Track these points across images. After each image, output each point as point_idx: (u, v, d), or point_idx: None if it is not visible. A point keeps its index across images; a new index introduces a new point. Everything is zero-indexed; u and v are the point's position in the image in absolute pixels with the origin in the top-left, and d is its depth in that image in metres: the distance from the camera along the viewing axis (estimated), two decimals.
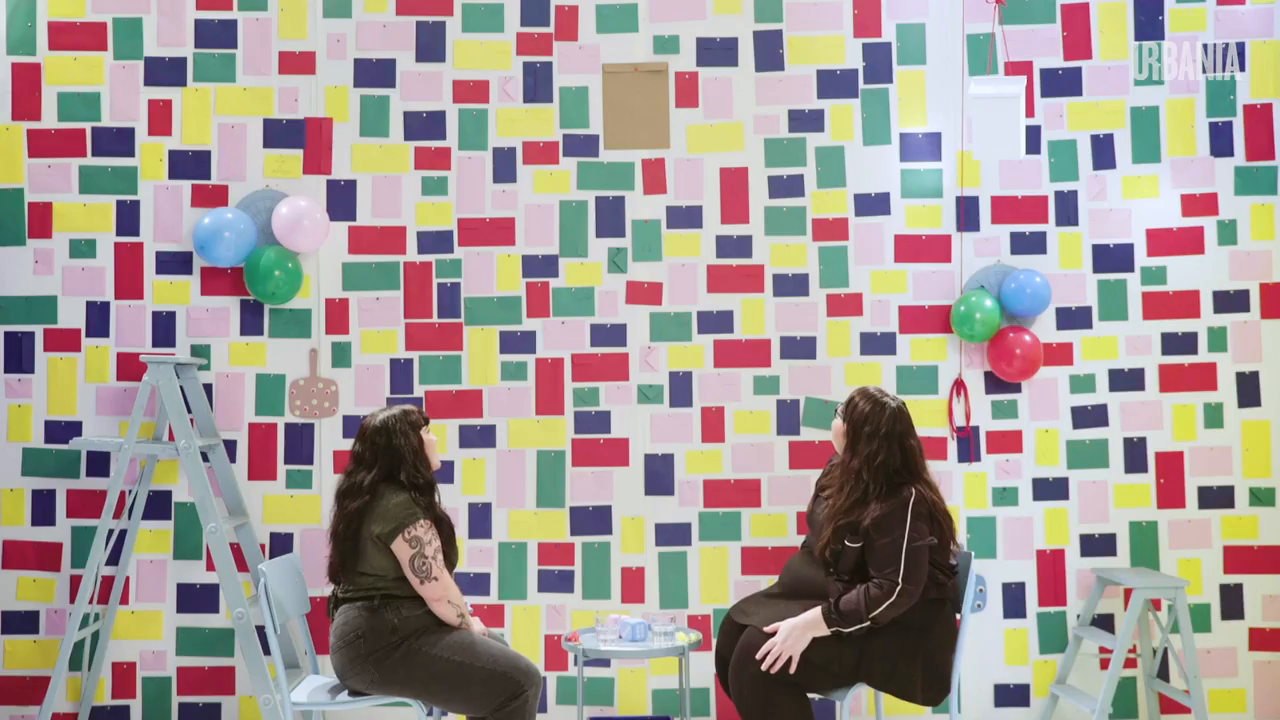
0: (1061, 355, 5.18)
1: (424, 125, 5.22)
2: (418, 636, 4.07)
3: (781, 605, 4.21)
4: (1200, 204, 5.21)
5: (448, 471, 5.12)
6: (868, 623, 3.99)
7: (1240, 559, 5.13)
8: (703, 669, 5.05)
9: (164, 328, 5.15)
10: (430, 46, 5.23)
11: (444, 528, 4.21)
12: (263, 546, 5.10)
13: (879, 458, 4.12)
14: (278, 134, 5.20)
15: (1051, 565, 5.14)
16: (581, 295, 5.21)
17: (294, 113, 5.20)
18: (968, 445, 5.17)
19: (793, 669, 4.04)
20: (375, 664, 4.04)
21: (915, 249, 5.21)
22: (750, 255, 5.20)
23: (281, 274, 5.02)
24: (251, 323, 5.16)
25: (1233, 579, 5.13)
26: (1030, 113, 5.19)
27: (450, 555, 4.22)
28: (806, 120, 5.23)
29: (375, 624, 4.05)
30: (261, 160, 5.19)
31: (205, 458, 4.99)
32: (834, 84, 5.24)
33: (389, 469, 4.18)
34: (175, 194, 5.18)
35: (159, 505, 5.11)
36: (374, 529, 4.08)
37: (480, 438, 5.17)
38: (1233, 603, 5.13)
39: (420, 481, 4.20)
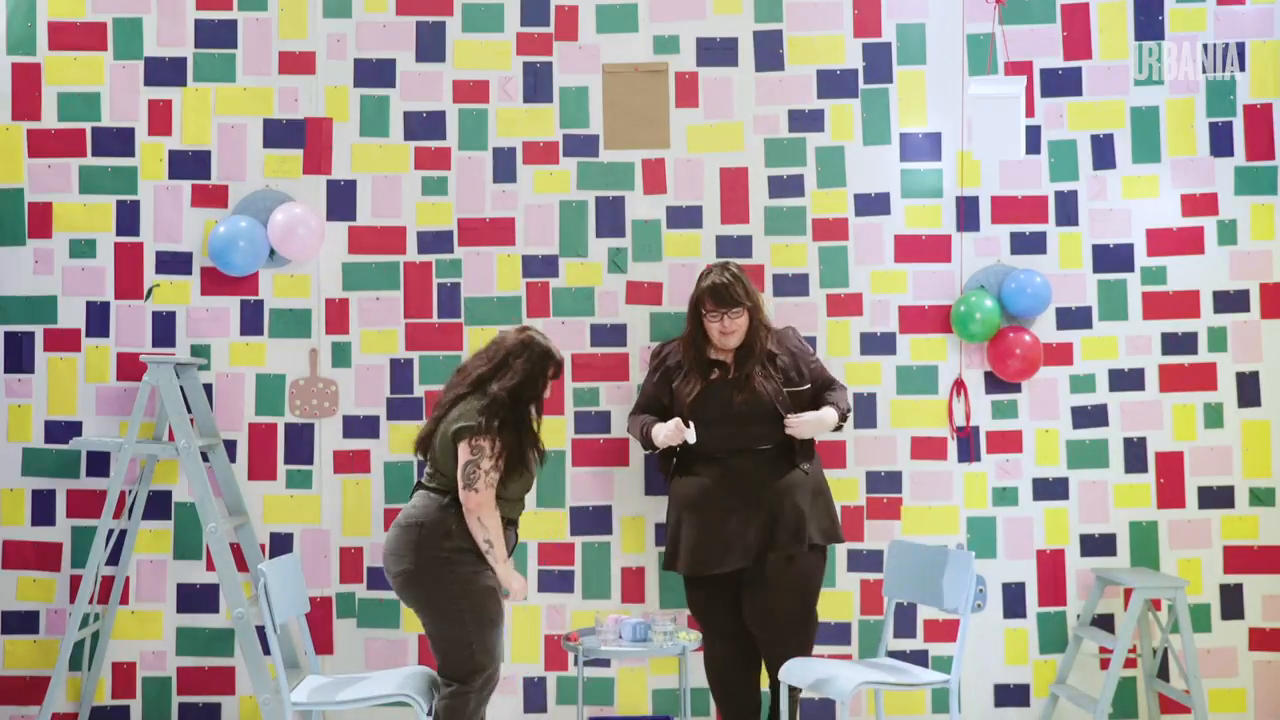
0: (1061, 355, 5.18)
1: (424, 125, 5.22)
2: (463, 555, 4.13)
3: (733, 519, 4.57)
4: (1200, 204, 5.21)
5: None
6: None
7: (1240, 559, 5.13)
8: (703, 669, 5.04)
9: (164, 328, 5.15)
10: (430, 46, 5.23)
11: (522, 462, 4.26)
12: (263, 546, 5.10)
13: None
14: (278, 134, 5.20)
15: (1051, 565, 5.14)
16: (581, 295, 5.21)
17: (294, 113, 5.20)
18: (968, 445, 5.17)
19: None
20: (416, 553, 4.11)
21: (915, 249, 5.21)
22: (750, 255, 5.20)
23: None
24: (251, 323, 5.16)
25: (1233, 579, 5.13)
26: (1030, 113, 5.19)
27: (511, 487, 4.24)
28: (806, 120, 5.23)
29: (438, 519, 4.13)
30: (261, 160, 5.19)
31: (205, 458, 4.99)
32: (834, 84, 5.24)
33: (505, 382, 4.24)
34: (175, 194, 5.18)
35: (159, 505, 5.11)
36: (451, 427, 4.17)
37: None
38: (1233, 603, 5.13)
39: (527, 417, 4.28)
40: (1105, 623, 5.10)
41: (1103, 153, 5.22)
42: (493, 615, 4.16)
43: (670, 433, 4.58)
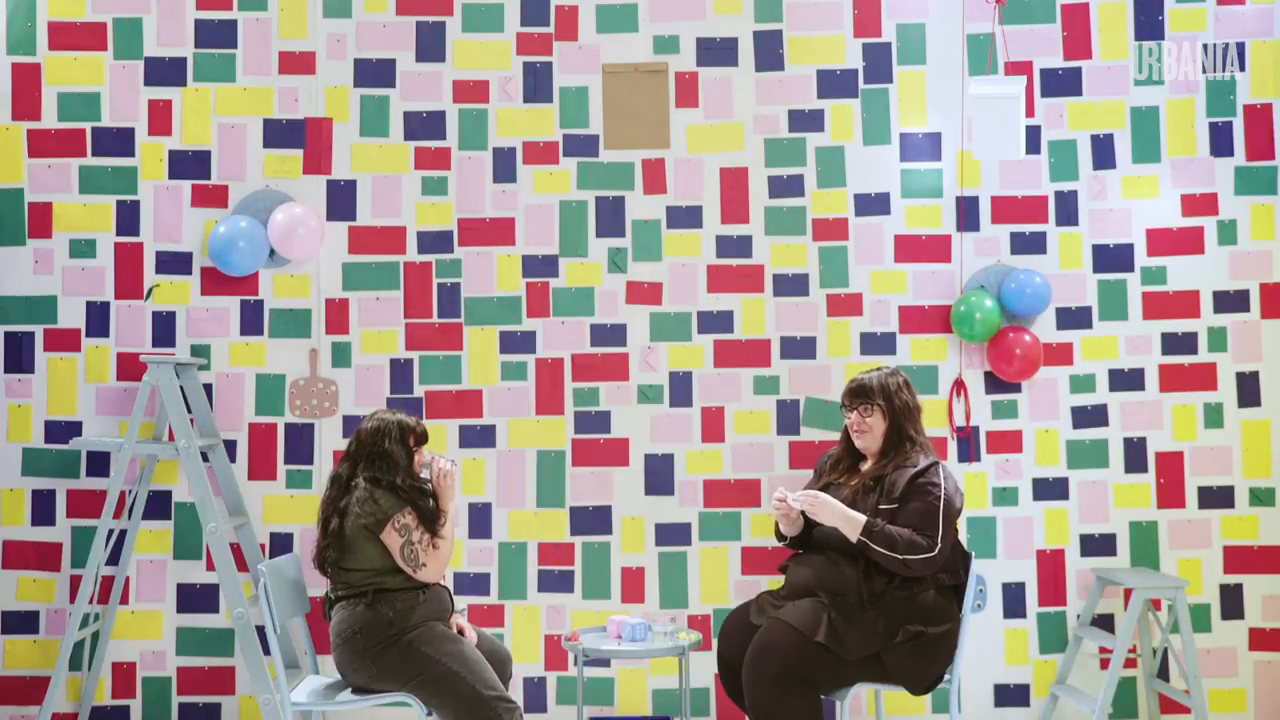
0: (1061, 355, 5.18)
1: (424, 125, 5.22)
2: (415, 630, 4.09)
3: (794, 604, 4.20)
4: (1200, 204, 5.21)
5: None
6: (895, 558, 4.03)
7: (1240, 559, 5.13)
8: (703, 669, 5.04)
9: (164, 328, 5.16)
10: (430, 46, 5.23)
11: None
12: (263, 546, 5.10)
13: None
14: (278, 134, 5.20)
15: (1051, 565, 5.14)
16: (581, 295, 5.21)
17: (294, 113, 5.20)
18: (968, 445, 5.17)
19: (788, 530, 4.32)
20: (374, 659, 4.06)
21: (915, 249, 5.21)
22: (750, 255, 5.20)
23: None
24: (251, 323, 5.17)
25: (1233, 579, 5.13)
26: (1030, 113, 5.19)
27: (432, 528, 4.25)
28: (806, 120, 5.23)
29: (371, 619, 4.07)
30: (261, 160, 5.19)
31: (205, 458, 4.99)
32: (834, 84, 5.24)
33: (375, 470, 4.21)
34: (175, 194, 5.18)
35: (159, 505, 5.11)
36: (361, 521, 4.11)
37: (480, 438, 5.17)
38: (1233, 603, 5.13)
39: (410, 486, 4.23)
40: (1105, 623, 5.10)
41: (1103, 153, 5.22)
42: (465, 650, 4.11)
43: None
